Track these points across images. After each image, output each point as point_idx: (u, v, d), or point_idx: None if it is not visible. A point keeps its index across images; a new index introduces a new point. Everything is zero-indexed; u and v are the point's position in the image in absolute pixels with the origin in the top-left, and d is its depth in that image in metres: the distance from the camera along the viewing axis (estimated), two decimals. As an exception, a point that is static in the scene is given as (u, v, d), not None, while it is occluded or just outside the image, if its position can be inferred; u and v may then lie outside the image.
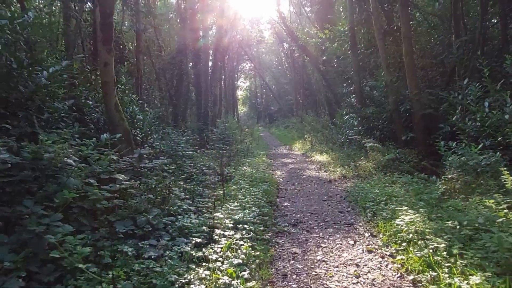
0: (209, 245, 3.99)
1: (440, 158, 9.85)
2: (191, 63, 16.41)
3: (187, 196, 5.79)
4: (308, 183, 8.70)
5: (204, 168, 8.43)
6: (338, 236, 4.71)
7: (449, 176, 6.18)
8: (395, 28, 11.91)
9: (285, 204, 6.66)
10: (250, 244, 4.05)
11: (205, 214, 5.11)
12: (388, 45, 12.15)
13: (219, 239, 4.15)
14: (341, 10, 15.52)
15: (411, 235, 4.10)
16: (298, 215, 5.79)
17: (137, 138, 7.70)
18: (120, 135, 6.77)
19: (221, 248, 3.90)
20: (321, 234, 4.81)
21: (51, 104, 5.98)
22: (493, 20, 11.46)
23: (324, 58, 15.82)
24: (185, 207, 5.04)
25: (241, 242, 4.04)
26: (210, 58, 19.66)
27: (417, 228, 4.16)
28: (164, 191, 5.11)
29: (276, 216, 5.79)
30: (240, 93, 56.56)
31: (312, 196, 7.22)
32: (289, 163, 12.64)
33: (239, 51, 34.01)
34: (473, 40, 10.45)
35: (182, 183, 6.38)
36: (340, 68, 15.41)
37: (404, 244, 4.06)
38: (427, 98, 10.71)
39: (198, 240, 3.96)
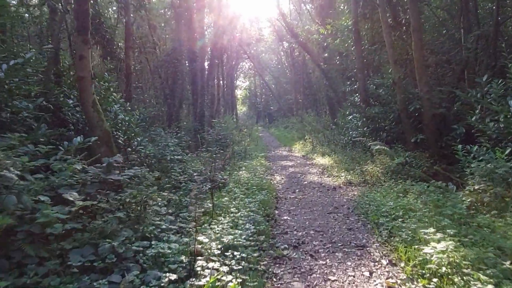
0: (188, 281, 3.11)
1: (454, 162, 9.01)
2: (186, 61, 15.51)
3: (169, 211, 4.90)
4: (310, 191, 7.81)
5: (195, 174, 7.54)
6: (349, 263, 3.82)
7: (475, 187, 5.29)
8: (403, 21, 11.00)
9: (285, 217, 5.78)
10: (240, 279, 3.17)
11: (190, 234, 4.22)
12: (395, 40, 11.25)
13: (202, 271, 3.26)
14: (344, 5, 14.61)
15: (443, 267, 3.22)
16: (300, 233, 4.90)
17: (119, 141, 6.81)
18: (96, 138, 5.89)
19: (203, 286, 3.02)
20: (328, 260, 3.92)
21: (12, 102, 5.10)
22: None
23: (326, 55, 14.93)
24: (164, 226, 4.15)
25: (229, 277, 3.15)
26: (208, 56, 18.77)
27: (450, 259, 3.27)
28: (139, 207, 4.22)
29: (274, 234, 4.90)
30: (239, 93, 55.67)
31: (315, 207, 6.33)
32: (289, 166, 11.76)
33: (238, 50, 33.09)
34: (486, 35, 9.58)
35: (166, 193, 5.49)
36: (343, 65, 14.52)
37: (435, 279, 3.17)
38: (438, 97, 9.84)
39: (173, 276, 3.06)
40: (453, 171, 8.45)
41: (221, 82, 28.03)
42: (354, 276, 3.52)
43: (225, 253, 3.63)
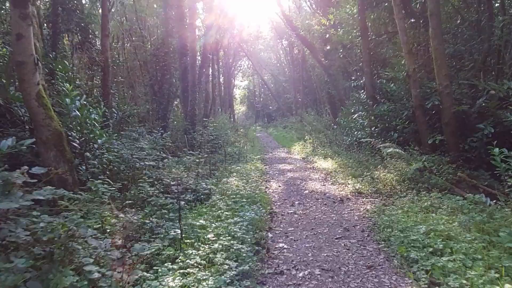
0: None
1: (479, 167, 7.60)
2: (178, 56, 14.07)
3: (118, 241, 3.46)
4: (312, 203, 6.37)
5: (173, 183, 6.10)
6: None
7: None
8: (417, 6, 9.57)
9: (281, 244, 4.34)
10: None
11: None
12: (407, 29, 9.82)
13: None
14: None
15: None
16: (301, 273, 3.46)
17: (74, 144, 5.37)
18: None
19: None
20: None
21: None
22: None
23: (328, 47, 13.46)
24: (93, 275, 2.70)
25: None
26: (200, 50, 17.31)
27: None
28: (60, 245, 2.79)
29: (265, 276, 3.46)
30: (238, 92, 54.22)
31: (320, 229, 4.89)
32: (287, 170, 10.32)
33: (235, 47, 31.66)
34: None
35: (122, 215, 4.06)
36: (347, 59, 13.09)
37: None
38: (458, 92, 8.43)
39: None
40: (479, 178, 7.05)
41: (217, 79, 26.59)
42: None
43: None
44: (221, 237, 3.86)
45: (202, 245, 3.70)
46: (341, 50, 12.59)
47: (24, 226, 2.77)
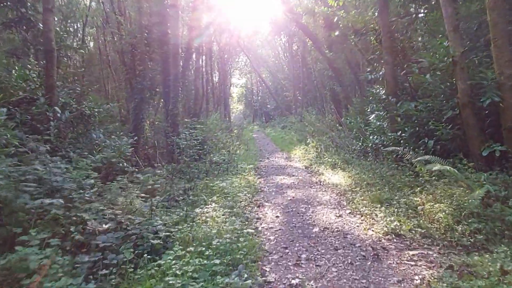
0: None
1: None
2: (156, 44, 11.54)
3: None
4: (329, 258, 3.91)
5: (99, 228, 3.63)
6: None
7: None
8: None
9: None
10: None
11: None
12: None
13: None
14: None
15: None
16: None
17: None
18: None
19: None
20: None
21: None
22: None
23: (337, 33, 10.94)
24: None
25: None
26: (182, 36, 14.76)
27: None
28: None
29: None
30: (236, 91, 51.64)
31: None
32: (287, 186, 7.85)
33: (231, 43, 29.09)
34: None
35: None
36: (358, 47, 10.60)
37: None
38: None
39: None
40: None
41: (209, 76, 24.06)
42: None
43: None
44: None
45: None
46: (352, 37, 10.07)
47: None
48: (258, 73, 37.28)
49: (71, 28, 12.85)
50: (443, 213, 4.61)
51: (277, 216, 5.57)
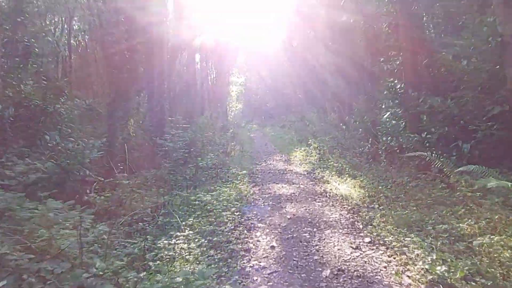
0: None
1: None
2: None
3: None
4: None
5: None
6: None
7: None
8: None
9: None
10: None
11: None
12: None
13: None
14: None
15: None
16: None
17: None
18: None
19: None
20: None
21: None
22: None
23: (344, 18, 9.43)
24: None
25: None
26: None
27: None
28: None
29: None
30: (235, 89, 50.07)
31: None
32: (286, 198, 6.37)
33: (229, 38, 27.54)
34: None
35: None
36: (367, 35, 9.11)
37: None
38: None
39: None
40: None
41: (206, 74, 22.56)
42: None
43: None
44: None
45: None
46: (361, 22, 8.58)
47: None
48: (257, 71, 35.78)
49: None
50: (509, 252, 3.15)
51: (272, 247, 4.09)
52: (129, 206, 4.90)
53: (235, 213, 5.14)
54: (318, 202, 6.03)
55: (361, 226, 4.62)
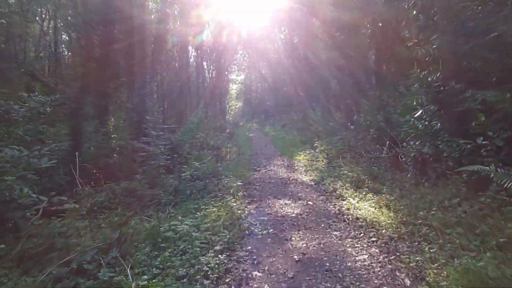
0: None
1: None
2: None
3: None
4: None
5: None
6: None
7: None
8: None
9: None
10: None
11: None
12: None
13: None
14: None
15: None
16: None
17: None
18: None
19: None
20: None
21: None
22: None
23: (349, 15, 7.71)
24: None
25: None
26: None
27: None
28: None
29: None
30: (235, 87, 48.43)
31: None
32: (291, 224, 4.75)
33: (227, 35, 25.89)
34: None
35: None
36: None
37: None
38: None
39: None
40: None
41: (202, 70, 20.92)
42: None
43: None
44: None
45: None
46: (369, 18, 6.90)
47: None
48: (257, 68, 34.16)
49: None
50: None
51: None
52: (64, 247, 3.29)
53: (221, 254, 3.52)
54: (335, 230, 4.40)
55: (408, 282, 3.00)
